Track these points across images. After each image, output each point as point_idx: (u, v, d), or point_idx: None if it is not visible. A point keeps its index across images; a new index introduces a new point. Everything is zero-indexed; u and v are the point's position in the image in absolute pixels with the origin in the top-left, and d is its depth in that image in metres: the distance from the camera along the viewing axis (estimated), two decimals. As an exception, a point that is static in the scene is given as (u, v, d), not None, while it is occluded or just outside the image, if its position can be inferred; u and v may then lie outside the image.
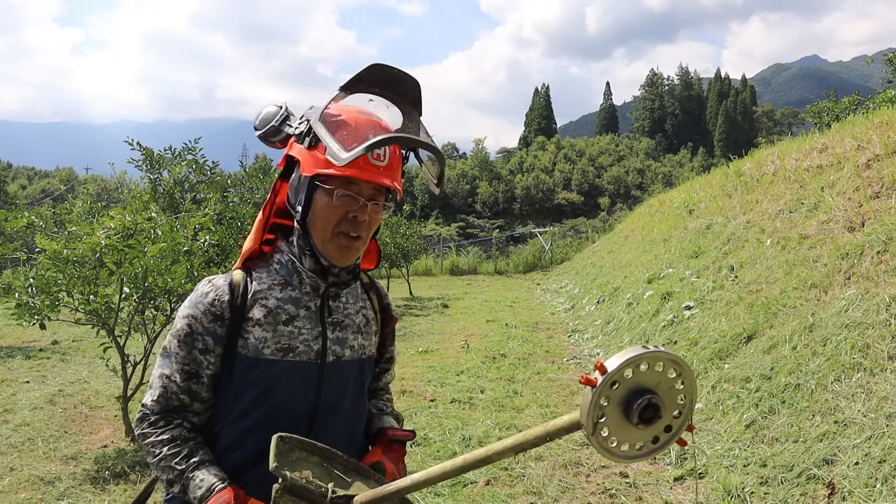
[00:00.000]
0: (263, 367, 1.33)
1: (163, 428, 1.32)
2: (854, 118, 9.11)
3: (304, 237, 1.37)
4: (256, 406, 1.34)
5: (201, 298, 1.36)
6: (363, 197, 1.31)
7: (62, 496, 3.84)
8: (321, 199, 1.32)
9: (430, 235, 29.96)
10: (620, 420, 1.00)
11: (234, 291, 1.36)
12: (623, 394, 0.99)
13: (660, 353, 0.98)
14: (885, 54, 17.42)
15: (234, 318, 1.34)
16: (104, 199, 25.72)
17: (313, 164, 1.31)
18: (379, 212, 1.35)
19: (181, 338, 1.35)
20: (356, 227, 1.32)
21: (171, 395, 1.34)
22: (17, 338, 8.97)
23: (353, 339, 1.44)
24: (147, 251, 4.40)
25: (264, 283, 1.38)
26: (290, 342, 1.35)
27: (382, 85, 1.34)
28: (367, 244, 1.39)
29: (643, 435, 1.02)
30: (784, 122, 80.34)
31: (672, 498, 3.68)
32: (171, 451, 1.30)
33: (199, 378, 1.35)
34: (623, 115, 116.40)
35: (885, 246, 4.52)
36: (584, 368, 7.09)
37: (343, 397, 1.42)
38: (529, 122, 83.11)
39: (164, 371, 1.35)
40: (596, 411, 0.98)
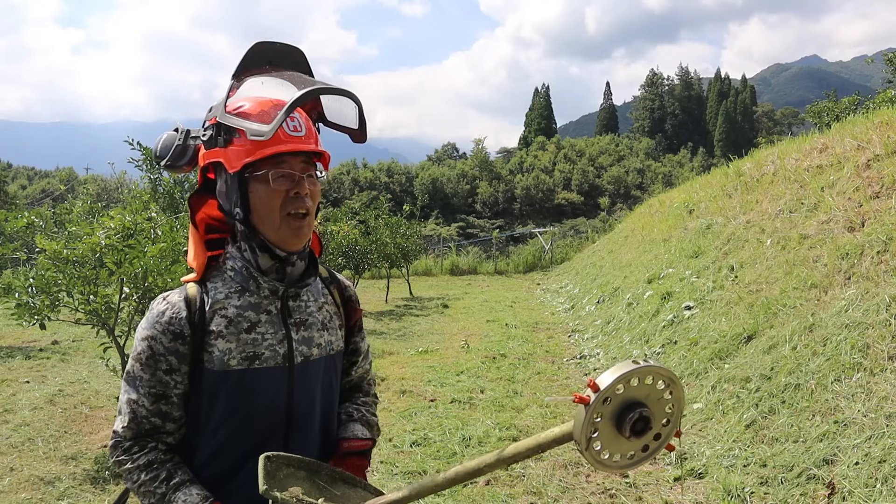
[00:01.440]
0: (233, 379, 1.30)
1: (138, 453, 1.29)
2: (854, 118, 9.11)
3: (252, 236, 1.33)
4: (230, 417, 1.31)
5: (158, 318, 1.30)
6: (297, 171, 1.29)
7: (62, 496, 3.84)
8: (258, 189, 1.28)
9: (430, 235, 29.96)
10: (612, 433, 1.03)
11: (190, 306, 1.31)
12: (614, 408, 1.02)
13: (650, 368, 1.00)
14: (885, 54, 17.41)
15: (194, 334, 1.30)
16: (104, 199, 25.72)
17: (237, 157, 1.27)
18: (315, 183, 1.33)
19: (143, 361, 1.30)
20: (302, 204, 1.29)
21: (141, 420, 1.30)
22: (17, 338, 8.97)
23: (320, 336, 1.41)
24: (147, 251, 4.39)
25: (220, 292, 1.34)
26: (255, 349, 1.31)
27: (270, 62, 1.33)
28: (313, 222, 1.36)
29: (634, 445, 1.05)
30: (784, 122, 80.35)
31: (672, 498, 3.68)
32: (149, 475, 1.27)
33: (167, 399, 1.31)
34: (623, 115, 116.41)
35: (885, 246, 4.52)
36: (584, 368, 7.09)
37: (316, 397, 1.40)
38: (529, 122, 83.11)
39: (130, 396, 1.31)
40: (589, 428, 1.00)
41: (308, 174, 1.31)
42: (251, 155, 1.26)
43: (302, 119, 1.32)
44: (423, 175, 52.58)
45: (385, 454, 4.51)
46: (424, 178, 51.58)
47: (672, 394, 1.05)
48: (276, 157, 1.27)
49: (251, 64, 1.32)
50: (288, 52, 1.35)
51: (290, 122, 1.28)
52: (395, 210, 17.07)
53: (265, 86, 1.28)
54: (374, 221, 14.03)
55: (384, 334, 9.61)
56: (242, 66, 1.31)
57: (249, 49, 1.32)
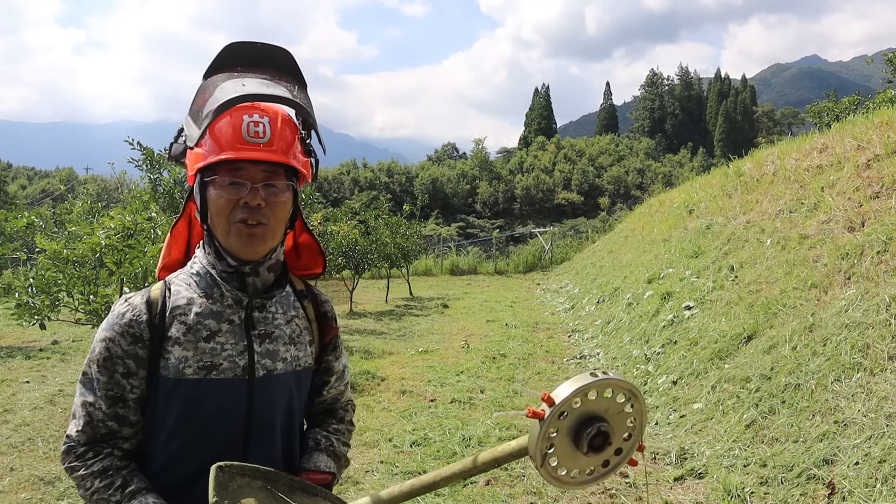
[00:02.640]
0: (187, 388, 1.24)
1: (92, 459, 1.23)
2: (854, 118, 9.11)
3: (211, 239, 1.29)
4: (184, 427, 1.26)
5: (118, 319, 1.25)
6: (252, 181, 1.22)
7: (62, 496, 3.84)
8: (211, 194, 1.23)
9: (430, 235, 29.97)
10: (570, 448, 1.00)
11: (151, 310, 1.26)
12: (572, 423, 0.98)
13: (609, 380, 0.97)
14: (885, 54, 17.42)
15: (153, 339, 1.25)
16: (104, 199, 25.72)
17: (193, 161, 1.24)
18: (279, 193, 1.25)
19: (100, 362, 1.24)
20: (252, 214, 1.22)
21: (97, 423, 1.24)
22: (17, 338, 8.97)
23: (286, 350, 1.33)
24: (147, 251, 4.40)
25: (183, 297, 1.28)
26: (213, 359, 1.25)
27: (245, 63, 1.28)
28: (276, 232, 1.28)
29: (593, 461, 1.02)
30: (784, 122, 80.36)
31: (672, 498, 3.68)
32: (103, 482, 1.21)
33: (125, 402, 1.25)
34: (623, 115, 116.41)
35: (885, 246, 4.52)
36: (584, 368, 7.09)
37: (277, 413, 1.33)
38: (529, 122, 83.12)
39: (86, 399, 1.25)
40: (544, 443, 0.97)
41: (267, 183, 1.23)
42: (204, 159, 1.22)
43: (272, 124, 1.23)
44: (423, 175, 52.61)
45: (385, 454, 4.52)
46: (424, 178, 51.61)
47: (633, 407, 1.02)
48: (231, 162, 1.21)
49: (222, 65, 1.27)
50: (266, 52, 1.29)
51: (253, 128, 1.21)
52: (395, 210, 17.07)
53: (224, 89, 1.23)
54: (374, 221, 14.03)
55: (384, 334, 9.61)
56: (213, 67, 1.27)
57: (222, 49, 1.27)
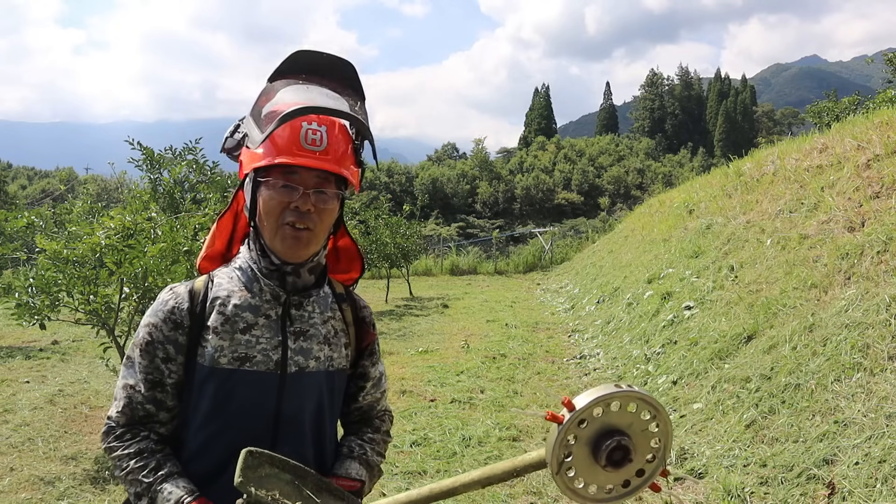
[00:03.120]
0: (220, 377, 1.29)
1: (129, 441, 1.29)
2: (854, 118, 9.11)
3: (256, 237, 1.34)
4: (215, 415, 1.30)
5: (161, 307, 1.32)
6: (305, 186, 1.27)
7: (62, 496, 3.84)
8: (263, 194, 1.28)
9: (430, 235, 29.95)
10: (588, 461, 0.96)
11: (193, 299, 1.32)
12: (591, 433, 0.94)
13: (633, 393, 0.93)
14: (885, 54, 17.41)
15: (193, 326, 1.30)
16: (104, 199, 25.72)
17: (250, 160, 1.29)
18: (328, 201, 1.29)
19: (142, 347, 1.31)
20: (301, 218, 1.27)
21: (136, 406, 1.30)
22: (17, 338, 8.98)
23: (320, 350, 1.36)
24: (147, 251, 4.40)
25: (224, 289, 1.34)
26: (248, 351, 1.30)
27: (310, 71, 1.32)
28: (319, 238, 1.32)
29: (612, 478, 0.97)
30: (784, 122, 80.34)
31: (672, 498, 3.68)
32: (137, 463, 1.26)
33: (163, 386, 1.31)
34: (623, 115, 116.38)
35: (885, 246, 4.52)
36: (584, 368, 7.09)
37: (306, 410, 1.35)
38: (529, 122, 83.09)
39: (128, 381, 1.32)
40: (562, 450, 0.93)
41: (319, 190, 1.28)
42: (259, 161, 1.26)
43: (329, 133, 1.28)
44: (423, 175, 52.58)
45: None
46: (424, 178, 51.59)
47: (658, 427, 0.97)
48: (286, 167, 1.26)
49: (287, 70, 1.32)
50: (330, 63, 1.33)
51: (311, 135, 1.26)
52: (395, 210, 17.06)
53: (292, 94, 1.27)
54: (374, 221, 14.03)
55: (384, 334, 9.61)
56: (278, 72, 1.32)
57: (290, 55, 1.31)
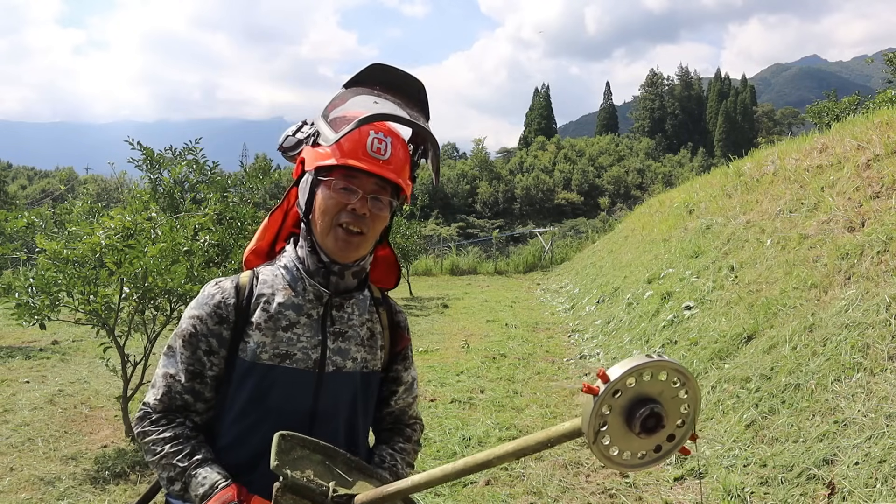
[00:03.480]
0: (260, 372, 1.32)
1: (165, 426, 1.32)
2: (854, 118, 9.11)
3: (308, 233, 1.38)
4: (252, 409, 1.33)
5: (207, 300, 1.36)
6: (363, 190, 1.31)
7: (62, 496, 3.84)
8: (322, 192, 1.32)
9: (430, 235, 29.94)
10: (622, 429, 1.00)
11: (239, 294, 1.36)
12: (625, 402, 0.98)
13: (664, 363, 0.97)
14: (885, 54, 17.41)
15: (237, 322, 1.34)
16: (104, 199, 25.71)
17: (314, 158, 1.33)
18: (382, 208, 1.33)
19: (186, 338, 1.34)
20: (356, 221, 1.31)
21: (174, 395, 1.34)
22: (17, 338, 8.97)
23: (357, 351, 1.40)
24: (147, 251, 4.39)
25: (269, 286, 1.38)
26: (288, 348, 1.33)
27: (383, 84, 1.37)
28: (369, 242, 1.36)
29: (645, 444, 1.02)
30: (784, 122, 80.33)
31: (672, 498, 3.68)
32: (173, 448, 1.29)
33: (203, 378, 1.34)
34: (623, 115, 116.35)
35: (885, 246, 4.52)
36: (584, 368, 7.09)
37: (342, 408, 1.39)
38: (529, 122, 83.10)
39: (168, 370, 1.35)
40: (597, 420, 0.97)
41: (375, 197, 1.32)
42: (324, 160, 1.31)
43: (394, 145, 1.33)
44: (423, 175, 52.33)
45: (385, 454, 4.51)
46: (424, 178, 51.36)
47: (688, 393, 1.02)
48: (348, 169, 1.30)
49: (364, 80, 1.38)
50: (403, 79, 1.39)
51: (377, 144, 1.30)
52: (399, 210, 17.02)
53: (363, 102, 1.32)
54: (374, 221, 14.00)
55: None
56: (355, 80, 1.38)
57: (368, 66, 1.37)
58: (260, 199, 7.47)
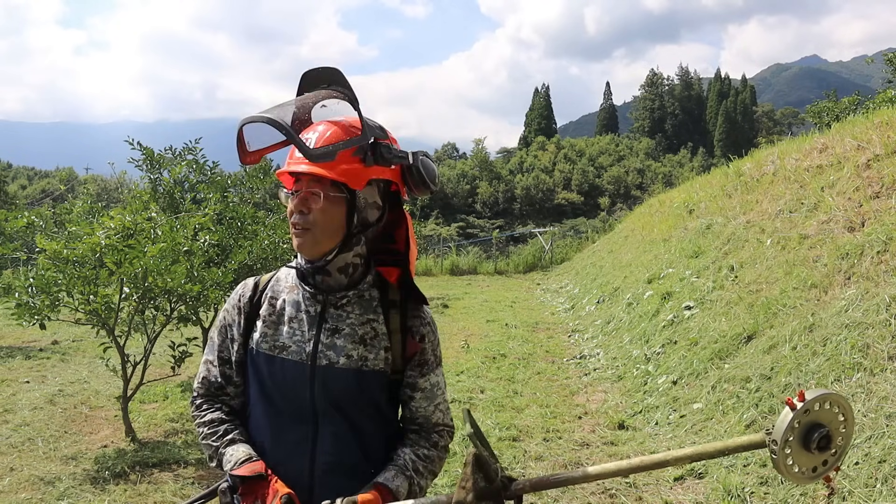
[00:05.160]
0: (262, 361, 1.46)
1: (205, 411, 1.52)
2: (854, 118, 9.11)
3: None
4: (260, 395, 1.48)
5: (234, 295, 1.56)
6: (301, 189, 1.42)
7: (62, 496, 3.84)
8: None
9: (430, 235, 29.93)
10: (798, 445, 1.16)
11: (255, 290, 1.54)
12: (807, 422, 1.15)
13: (840, 397, 1.16)
14: (885, 54, 17.40)
15: (250, 313, 1.51)
16: (104, 199, 25.71)
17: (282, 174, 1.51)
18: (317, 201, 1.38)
19: (219, 328, 1.55)
20: (297, 219, 1.41)
21: (212, 379, 1.54)
22: (17, 338, 8.97)
23: (353, 348, 1.43)
24: (147, 251, 4.39)
25: (280, 285, 1.53)
26: (286, 341, 1.45)
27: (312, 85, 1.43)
28: (319, 237, 1.39)
29: (811, 461, 1.17)
30: (784, 122, 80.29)
31: (672, 498, 3.68)
32: (210, 430, 1.48)
33: (229, 363, 1.53)
34: (623, 115, 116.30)
35: (885, 246, 4.52)
36: (584, 368, 7.10)
37: (340, 402, 1.43)
38: (529, 123, 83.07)
39: (207, 357, 1.56)
40: (790, 432, 1.14)
41: (310, 191, 1.40)
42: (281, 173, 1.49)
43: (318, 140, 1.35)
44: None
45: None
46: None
47: (845, 430, 1.17)
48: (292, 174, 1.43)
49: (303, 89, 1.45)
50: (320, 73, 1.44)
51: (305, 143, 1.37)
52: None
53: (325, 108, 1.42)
54: (374, 221, 13.99)
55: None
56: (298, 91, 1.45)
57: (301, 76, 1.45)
58: (260, 199, 7.47)
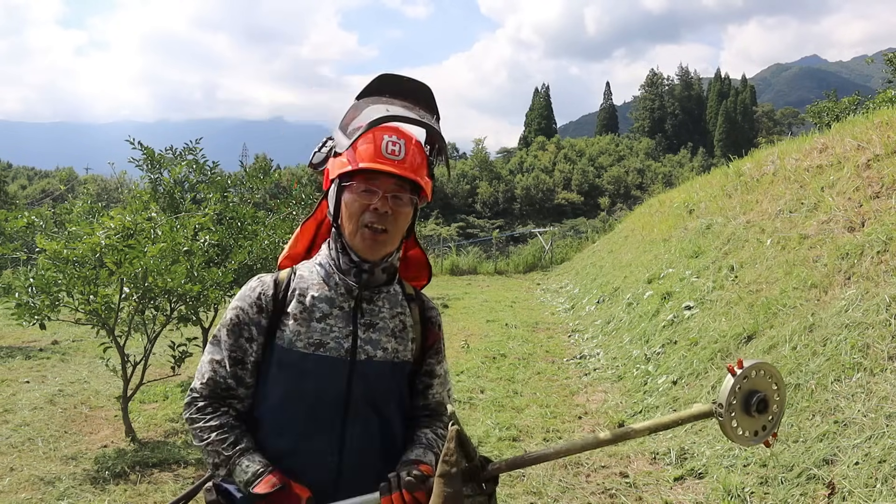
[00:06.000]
0: (295, 359, 1.42)
1: (211, 414, 1.43)
2: (854, 118, 9.11)
3: (338, 236, 1.48)
4: (290, 395, 1.43)
5: (249, 293, 1.48)
6: (383, 190, 1.40)
7: (62, 496, 3.84)
8: (346, 198, 1.43)
9: (430, 235, 29.94)
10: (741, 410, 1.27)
11: (277, 287, 1.48)
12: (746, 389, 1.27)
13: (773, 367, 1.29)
14: (885, 54, 17.40)
15: (275, 311, 1.45)
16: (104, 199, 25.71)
17: (337, 167, 1.44)
18: (403, 206, 1.43)
19: (230, 327, 1.46)
20: (379, 220, 1.40)
21: (220, 379, 1.45)
22: (17, 338, 8.97)
23: (387, 341, 1.48)
24: (147, 251, 4.39)
25: (305, 282, 1.49)
26: (322, 338, 1.43)
27: (392, 92, 1.48)
28: (395, 239, 1.46)
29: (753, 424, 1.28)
30: (784, 122, 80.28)
31: (672, 498, 3.68)
32: (219, 437, 1.40)
33: (244, 364, 1.45)
34: (623, 115, 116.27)
35: (885, 246, 4.52)
36: (584, 368, 7.10)
37: (374, 394, 1.46)
38: (529, 123, 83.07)
39: (214, 357, 1.47)
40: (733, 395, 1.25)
41: (395, 195, 1.42)
42: (344, 167, 1.42)
43: (408, 146, 1.43)
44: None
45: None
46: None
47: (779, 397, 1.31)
48: (369, 172, 1.40)
49: (374, 90, 1.49)
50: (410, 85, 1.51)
51: (391, 146, 1.41)
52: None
53: (378, 110, 1.42)
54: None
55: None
56: (366, 91, 1.49)
57: (377, 77, 1.50)
58: (260, 199, 7.47)
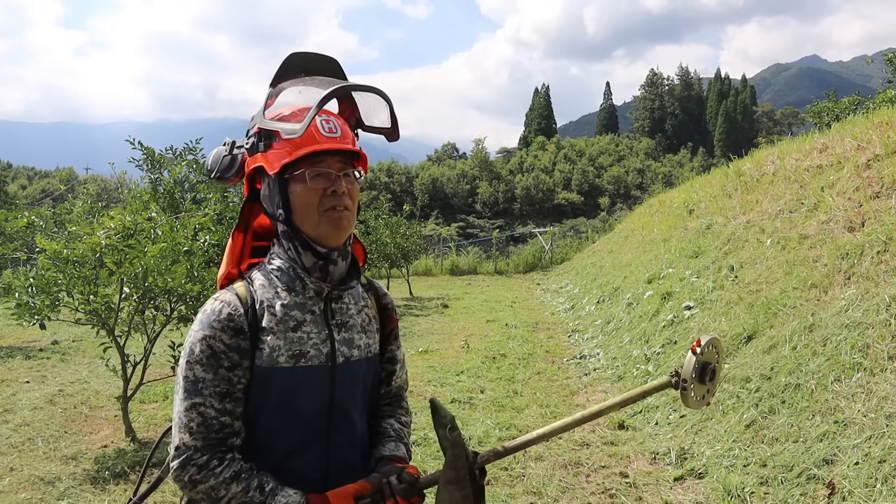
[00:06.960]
0: (281, 376, 1.32)
1: (219, 467, 1.27)
2: (854, 118, 9.11)
3: (295, 235, 1.36)
4: (277, 413, 1.34)
5: (215, 317, 1.31)
6: (333, 170, 1.34)
7: (62, 496, 3.84)
8: (297, 188, 1.33)
9: (430, 235, 29.95)
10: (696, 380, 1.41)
11: (244, 303, 1.34)
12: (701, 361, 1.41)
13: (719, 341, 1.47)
14: (884, 54, 17.40)
15: (251, 329, 1.32)
16: (104, 199, 25.70)
17: (276, 159, 1.33)
18: (353, 182, 1.38)
19: (203, 362, 1.29)
20: (339, 200, 1.34)
21: (210, 422, 1.28)
22: (17, 338, 8.98)
23: (360, 338, 1.44)
24: (147, 251, 4.40)
25: (268, 291, 1.37)
26: (301, 348, 1.34)
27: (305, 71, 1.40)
28: (353, 219, 1.40)
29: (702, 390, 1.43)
30: (784, 122, 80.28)
31: (672, 498, 3.68)
32: (240, 487, 1.27)
33: (232, 395, 1.31)
34: (623, 115, 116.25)
35: (885, 246, 4.52)
36: (584, 368, 7.10)
37: (356, 396, 1.43)
38: (529, 123, 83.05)
39: (194, 401, 1.28)
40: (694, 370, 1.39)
41: (345, 173, 1.36)
42: (289, 156, 1.31)
43: (338, 122, 1.38)
44: (423, 175, 52.53)
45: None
46: (424, 178, 51.54)
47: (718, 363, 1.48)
48: (313, 156, 1.32)
49: (287, 73, 1.39)
50: (322, 61, 1.43)
51: (326, 125, 1.34)
52: (395, 210, 17.07)
53: (302, 93, 1.36)
54: (374, 221, 14.02)
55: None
56: (279, 75, 1.39)
57: (285, 59, 1.39)
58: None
